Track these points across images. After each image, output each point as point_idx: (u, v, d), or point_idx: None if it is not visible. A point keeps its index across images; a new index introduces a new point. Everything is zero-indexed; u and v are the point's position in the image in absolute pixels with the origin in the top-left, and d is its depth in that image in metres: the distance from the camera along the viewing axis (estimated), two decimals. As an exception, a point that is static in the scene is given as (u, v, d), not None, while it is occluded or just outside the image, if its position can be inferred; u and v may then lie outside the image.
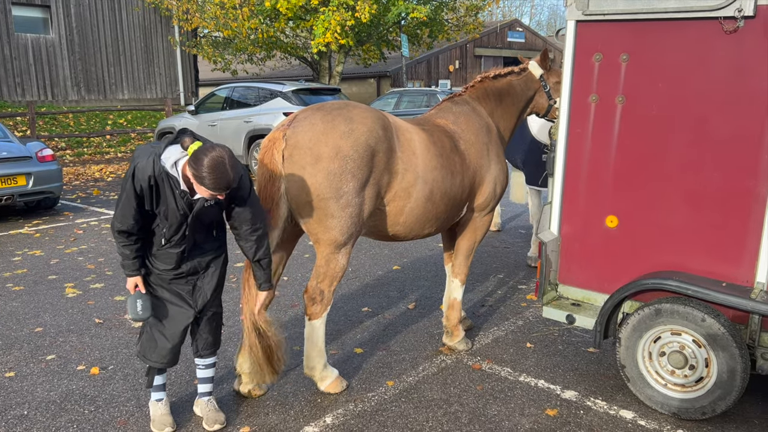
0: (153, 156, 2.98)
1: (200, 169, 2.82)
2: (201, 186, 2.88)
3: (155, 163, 2.96)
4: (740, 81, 3.28)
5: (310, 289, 3.60)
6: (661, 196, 3.59)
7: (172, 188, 3.01)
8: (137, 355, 3.34)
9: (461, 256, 4.37)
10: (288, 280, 5.98)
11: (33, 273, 6.27)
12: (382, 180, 3.57)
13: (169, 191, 3.01)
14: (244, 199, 3.15)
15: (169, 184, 3.00)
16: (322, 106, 3.63)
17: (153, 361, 3.28)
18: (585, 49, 3.71)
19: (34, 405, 3.71)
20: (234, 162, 2.89)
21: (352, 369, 4.15)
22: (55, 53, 18.00)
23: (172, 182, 3.00)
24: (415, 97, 17.19)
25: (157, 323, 3.25)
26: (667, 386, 3.54)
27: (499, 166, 4.24)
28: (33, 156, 8.65)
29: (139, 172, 2.96)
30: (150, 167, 2.96)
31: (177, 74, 20.86)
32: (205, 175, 2.82)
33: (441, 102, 4.38)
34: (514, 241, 7.55)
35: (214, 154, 2.84)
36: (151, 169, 2.96)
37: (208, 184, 2.84)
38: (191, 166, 2.85)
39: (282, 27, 17.59)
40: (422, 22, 18.57)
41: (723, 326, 3.27)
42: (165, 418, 3.39)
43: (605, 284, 3.86)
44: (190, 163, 2.87)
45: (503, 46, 31.97)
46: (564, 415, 3.60)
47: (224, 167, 2.84)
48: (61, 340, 4.64)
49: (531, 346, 4.53)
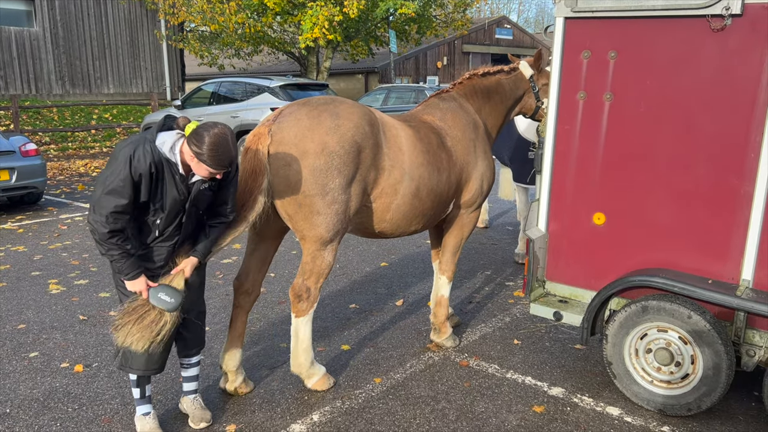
0: (148, 143, 2.87)
1: (202, 147, 2.76)
2: (201, 164, 2.81)
3: (153, 149, 2.86)
4: (727, 79, 3.29)
5: (296, 287, 3.57)
6: (648, 194, 3.60)
7: (172, 174, 2.92)
8: (120, 368, 3.15)
9: (448, 253, 4.36)
10: (275, 276, 5.95)
11: (16, 269, 6.19)
12: (369, 176, 3.54)
13: (170, 177, 2.92)
14: (229, 181, 3.13)
15: (170, 170, 2.91)
16: (308, 101, 3.59)
17: (141, 370, 3.13)
18: (573, 46, 3.71)
19: (16, 403, 3.66)
20: (234, 140, 2.86)
21: (339, 366, 4.14)
22: (39, 46, 17.76)
23: (172, 168, 2.92)
24: (403, 93, 17.17)
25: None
26: (653, 383, 3.56)
27: (486, 163, 4.24)
28: (16, 150, 8.53)
29: (136, 161, 2.81)
30: (149, 154, 2.83)
31: (163, 69, 20.67)
32: (207, 151, 2.75)
33: (428, 98, 4.36)
34: (501, 238, 7.57)
35: (216, 131, 2.78)
36: (151, 156, 2.83)
37: (209, 162, 2.78)
38: (193, 143, 2.78)
39: (269, 22, 17.48)
40: (410, 18, 18.53)
41: (709, 323, 3.29)
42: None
43: (592, 281, 3.87)
44: (191, 141, 2.79)
45: (491, 42, 32.03)
46: (551, 411, 3.61)
47: (227, 144, 2.80)
48: (44, 337, 4.58)
49: (518, 343, 4.53)
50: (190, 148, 2.81)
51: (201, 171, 2.86)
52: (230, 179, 3.13)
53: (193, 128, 2.82)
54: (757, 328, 3.35)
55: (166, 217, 2.99)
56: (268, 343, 4.50)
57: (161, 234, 3.04)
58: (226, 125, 2.86)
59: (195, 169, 2.87)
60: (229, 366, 3.69)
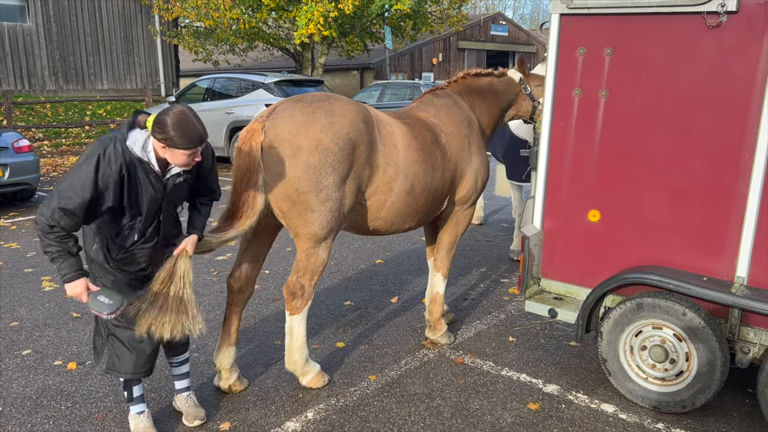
0: (119, 143, 2.76)
1: (167, 131, 2.67)
2: (174, 149, 2.72)
3: (124, 150, 2.76)
4: (723, 76, 3.29)
5: (291, 284, 3.56)
6: (643, 191, 3.59)
7: (146, 173, 2.83)
8: (107, 372, 3.10)
9: (443, 250, 4.36)
10: (270, 273, 5.93)
11: (9, 266, 6.15)
12: (363, 174, 3.53)
13: (144, 178, 2.83)
14: (209, 169, 3.10)
15: (143, 170, 2.82)
16: (302, 97, 3.57)
17: (130, 374, 3.08)
18: (569, 43, 3.70)
19: (9, 401, 3.63)
20: (197, 115, 2.78)
21: (334, 363, 4.13)
22: (32, 42, 17.64)
23: (146, 167, 2.83)
24: (398, 89, 17.13)
25: (129, 333, 3.02)
26: (648, 380, 3.57)
27: (480, 159, 4.23)
28: (9, 147, 8.47)
29: (105, 163, 2.70)
30: (120, 156, 2.73)
31: (157, 64, 20.57)
32: (173, 134, 2.67)
33: (423, 95, 4.35)
34: (496, 235, 7.57)
35: (175, 111, 2.71)
36: (122, 158, 2.74)
37: (180, 143, 2.69)
38: (158, 132, 2.69)
39: (264, 17, 17.41)
40: (406, 15, 18.48)
41: (703, 320, 3.30)
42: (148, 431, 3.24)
43: (587, 278, 3.86)
44: (154, 132, 2.70)
45: (487, 39, 32.00)
46: (546, 408, 3.60)
47: (191, 121, 2.72)
48: (37, 334, 4.55)
49: (513, 340, 4.53)
50: (156, 138, 2.72)
51: (178, 159, 2.78)
52: (209, 168, 3.10)
53: (153, 119, 2.74)
54: (751, 325, 3.36)
55: (145, 219, 2.91)
56: (262, 340, 4.48)
57: (142, 235, 2.95)
58: (184, 104, 2.79)
59: (172, 159, 2.79)
60: (223, 364, 3.67)
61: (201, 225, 3.19)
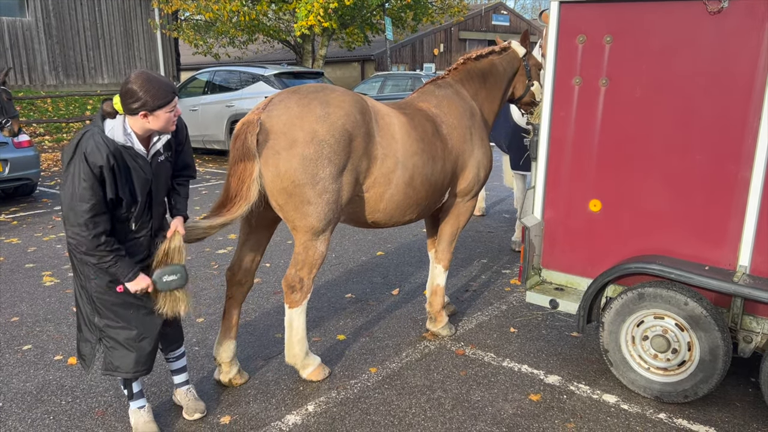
0: (98, 134, 2.71)
1: (139, 95, 2.64)
2: (155, 114, 2.69)
3: (106, 140, 2.71)
4: (724, 63, 3.25)
5: (289, 277, 3.54)
6: (644, 180, 3.56)
7: (133, 158, 2.79)
8: (105, 372, 3.05)
9: (444, 242, 4.33)
10: (270, 266, 5.92)
11: (10, 261, 6.15)
12: (361, 165, 3.50)
13: (132, 163, 2.79)
14: (183, 143, 3.08)
15: (129, 155, 2.78)
16: (298, 89, 3.53)
17: (130, 373, 3.04)
18: (568, 31, 3.65)
19: (9, 396, 3.63)
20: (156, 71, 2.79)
21: (334, 356, 4.11)
22: (32, 37, 17.60)
23: (131, 152, 2.78)
24: (399, 80, 17.08)
25: (126, 332, 2.98)
26: (650, 370, 3.55)
27: (483, 150, 4.19)
28: (9, 142, 8.46)
29: (91, 156, 2.65)
30: (103, 146, 2.68)
31: (157, 58, 20.50)
32: (146, 95, 2.64)
33: (424, 85, 4.31)
34: (498, 226, 7.54)
35: (133, 75, 2.68)
36: (105, 148, 2.68)
37: (157, 100, 2.66)
38: (128, 104, 2.66)
39: (264, 10, 17.32)
40: (406, 5, 18.40)
41: (705, 309, 3.27)
42: (149, 426, 3.20)
43: (589, 269, 3.84)
44: (125, 104, 2.66)
45: (488, 29, 31.86)
46: (547, 399, 3.59)
47: (154, 76, 2.70)
48: (38, 329, 4.55)
49: (514, 331, 4.51)
50: (132, 108, 2.68)
51: (162, 121, 2.74)
52: (184, 138, 3.09)
53: (117, 98, 2.71)
54: (754, 314, 3.33)
55: (139, 206, 2.88)
56: (262, 333, 4.47)
57: (137, 222, 2.92)
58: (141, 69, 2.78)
59: (155, 124, 2.74)
60: (224, 357, 3.66)
61: (184, 206, 3.19)
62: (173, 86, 2.77)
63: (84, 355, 3.10)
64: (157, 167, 2.93)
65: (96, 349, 3.05)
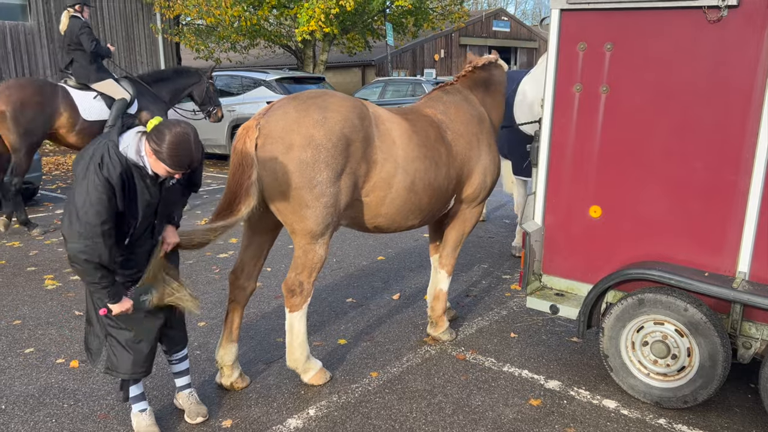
0: (113, 149, 2.73)
1: (162, 145, 2.66)
2: (159, 162, 2.71)
3: (120, 157, 2.73)
4: (723, 71, 3.27)
5: (289, 281, 3.56)
6: (644, 187, 3.59)
7: (142, 178, 2.82)
8: (105, 372, 3.08)
9: (449, 248, 4.34)
10: (271, 270, 5.94)
11: (11, 264, 6.17)
12: (359, 170, 3.52)
13: (141, 183, 2.82)
14: (196, 169, 3.11)
15: (139, 175, 2.81)
16: (298, 95, 3.57)
17: (129, 374, 3.08)
18: (569, 38, 3.68)
19: (11, 399, 3.65)
20: (198, 140, 2.77)
21: (335, 360, 4.13)
22: (34, 41, 17.65)
23: (142, 172, 2.81)
24: (400, 86, 17.11)
25: (126, 333, 3.03)
26: (650, 375, 3.56)
27: (491, 157, 4.21)
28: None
29: (106, 170, 2.67)
30: (117, 164, 2.70)
31: (159, 62, 20.53)
32: (166, 151, 2.66)
33: (432, 90, 4.35)
34: (498, 231, 7.56)
35: (178, 130, 2.68)
36: (119, 165, 2.71)
37: (168, 161, 2.68)
38: (152, 140, 2.67)
39: (265, 15, 17.38)
40: (407, 11, 18.45)
41: (705, 315, 3.29)
42: (151, 429, 3.22)
43: (589, 274, 3.86)
44: (151, 137, 2.68)
45: (488, 35, 31.94)
46: (548, 404, 3.60)
47: (188, 145, 2.70)
48: (40, 332, 4.56)
49: (515, 336, 4.53)
50: (149, 144, 2.71)
51: (159, 169, 2.77)
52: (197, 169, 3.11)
53: (155, 124, 2.72)
54: (753, 320, 3.35)
55: (140, 224, 2.90)
56: (264, 337, 4.49)
57: (135, 241, 2.94)
58: (190, 125, 2.77)
59: (153, 166, 2.77)
60: (225, 361, 3.68)
61: (178, 215, 3.21)
62: (192, 164, 2.78)
63: (91, 349, 3.14)
64: (166, 190, 2.95)
65: (103, 344, 3.08)
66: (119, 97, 7.84)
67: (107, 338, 3.06)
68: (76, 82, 7.81)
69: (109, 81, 7.85)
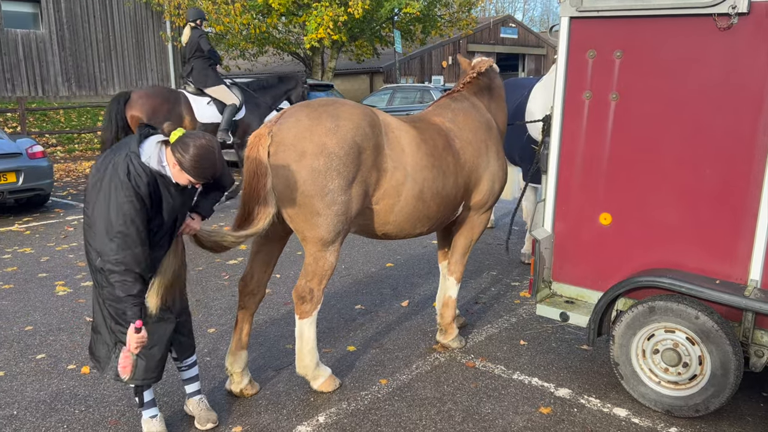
0: (136, 159, 2.79)
1: (185, 156, 2.72)
2: (182, 173, 2.78)
3: (144, 167, 2.80)
4: (734, 78, 3.27)
5: (300, 288, 3.57)
6: (654, 194, 3.58)
7: (166, 186, 2.89)
8: (115, 380, 3.07)
9: (457, 254, 4.35)
10: (281, 277, 5.95)
11: (23, 271, 6.21)
12: (370, 178, 3.53)
13: (165, 191, 2.88)
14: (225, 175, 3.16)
15: (163, 183, 2.87)
16: (309, 103, 3.59)
17: (141, 380, 3.09)
18: (579, 46, 3.69)
19: (23, 405, 3.67)
20: (220, 152, 2.83)
21: (345, 367, 4.13)
22: (46, 49, 17.83)
23: (166, 180, 2.88)
24: (408, 93, 17.15)
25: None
26: (661, 384, 3.54)
27: (499, 164, 4.22)
28: (23, 152, 8.56)
29: (134, 179, 2.74)
30: (143, 174, 2.77)
31: (169, 69, 20.72)
32: (189, 162, 2.72)
33: (440, 98, 4.36)
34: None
35: (202, 141, 2.75)
36: (145, 175, 2.78)
37: (191, 172, 2.75)
38: (177, 151, 2.74)
39: (274, 22, 17.51)
40: (415, 18, 18.52)
41: (716, 323, 3.27)
42: None
43: (599, 282, 3.85)
44: (175, 148, 2.75)
45: (496, 42, 31.96)
46: (558, 413, 3.59)
47: (212, 156, 2.77)
48: (51, 338, 4.59)
49: (525, 344, 4.52)
50: (174, 155, 2.77)
51: (182, 179, 2.83)
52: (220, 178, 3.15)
53: (179, 136, 2.78)
54: (765, 329, 3.33)
55: (162, 230, 2.96)
56: (273, 344, 4.50)
57: (156, 245, 2.98)
58: (214, 137, 2.84)
59: (175, 176, 2.83)
60: (235, 367, 3.69)
61: (207, 206, 3.26)
62: (214, 176, 2.85)
63: (99, 357, 3.13)
64: (187, 196, 3.02)
65: (112, 351, 3.08)
66: (230, 102, 8.49)
67: (116, 345, 3.07)
68: (194, 88, 8.53)
69: (222, 87, 8.58)
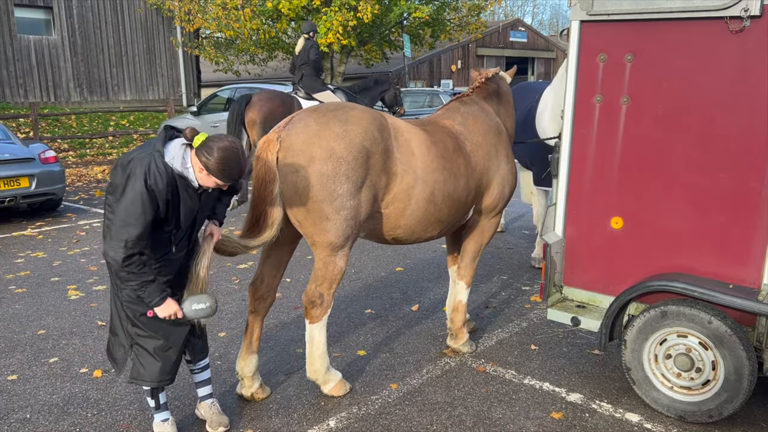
0: (159, 159, 2.83)
1: (211, 159, 2.79)
2: (210, 176, 2.84)
3: (166, 167, 2.84)
4: (746, 81, 3.25)
5: (310, 293, 3.57)
6: (666, 198, 3.56)
7: (185, 188, 2.93)
8: (131, 381, 3.14)
9: (467, 258, 4.34)
10: (291, 281, 5.96)
11: (36, 275, 6.26)
12: (380, 182, 3.53)
13: (184, 193, 2.92)
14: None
15: (183, 185, 2.91)
16: (318, 107, 3.60)
17: (156, 382, 3.12)
18: (589, 50, 3.68)
19: (36, 408, 3.69)
20: (244, 153, 2.89)
21: (355, 372, 4.13)
22: (58, 55, 18.00)
23: (186, 182, 2.92)
24: (417, 97, 17.17)
25: (154, 341, 3.07)
26: (674, 389, 3.52)
27: (509, 167, 4.22)
28: (36, 158, 8.64)
29: (152, 180, 2.77)
30: (164, 174, 2.81)
31: (179, 75, 20.85)
32: (215, 164, 2.79)
33: (449, 102, 4.37)
34: (517, 242, 7.52)
35: (226, 144, 2.81)
36: (166, 175, 2.82)
37: (218, 174, 2.82)
38: (202, 155, 2.80)
39: (284, 27, 17.57)
40: (424, 22, 18.53)
41: (730, 328, 3.24)
42: None
43: (610, 286, 3.83)
44: (200, 152, 2.81)
45: (505, 45, 31.95)
46: (569, 418, 3.57)
47: (237, 158, 2.83)
48: (63, 342, 4.62)
49: (536, 349, 4.50)
50: (199, 158, 2.83)
51: (208, 182, 2.89)
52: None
53: (202, 140, 2.83)
54: (779, 334, 3.30)
55: (182, 232, 3.02)
56: (283, 348, 4.50)
57: (176, 247, 3.05)
58: (237, 140, 2.90)
59: (202, 180, 2.89)
60: (246, 371, 3.70)
61: (221, 211, 3.33)
62: (240, 176, 2.90)
63: (116, 359, 3.18)
64: (205, 198, 3.05)
65: (128, 353, 3.13)
66: None
67: (132, 348, 3.11)
68: (304, 93, 9.36)
69: (328, 92, 9.40)
